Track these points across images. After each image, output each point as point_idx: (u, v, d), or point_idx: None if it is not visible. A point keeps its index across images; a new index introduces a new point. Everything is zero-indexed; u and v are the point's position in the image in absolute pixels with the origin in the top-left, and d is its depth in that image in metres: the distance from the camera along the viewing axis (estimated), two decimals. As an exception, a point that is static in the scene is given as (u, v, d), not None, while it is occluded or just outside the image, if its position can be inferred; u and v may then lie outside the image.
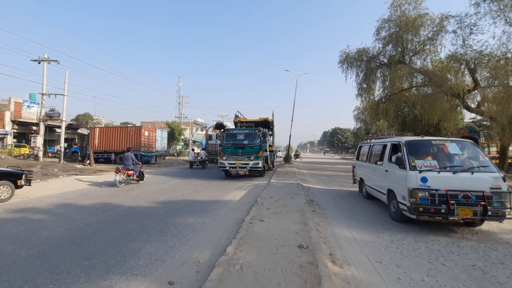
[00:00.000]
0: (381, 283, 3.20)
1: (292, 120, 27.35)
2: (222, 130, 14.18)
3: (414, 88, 19.82)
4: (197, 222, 5.59)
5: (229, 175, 14.07)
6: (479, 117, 21.51)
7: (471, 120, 24.35)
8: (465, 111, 20.66)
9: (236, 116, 18.10)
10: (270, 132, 17.79)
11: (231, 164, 13.19)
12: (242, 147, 13.39)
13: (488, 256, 3.98)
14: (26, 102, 31.47)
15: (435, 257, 3.91)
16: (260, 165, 13.15)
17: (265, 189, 9.60)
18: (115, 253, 3.95)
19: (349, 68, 20.19)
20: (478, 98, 17.37)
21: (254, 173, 14.38)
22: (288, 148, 29.34)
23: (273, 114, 22.82)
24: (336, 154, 69.00)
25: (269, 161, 16.21)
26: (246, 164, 13.08)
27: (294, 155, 28.23)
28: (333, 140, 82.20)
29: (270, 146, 17.53)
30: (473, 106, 17.85)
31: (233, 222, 5.65)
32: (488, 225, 5.51)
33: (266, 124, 16.64)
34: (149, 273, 3.36)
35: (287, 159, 27.25)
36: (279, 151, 34.34)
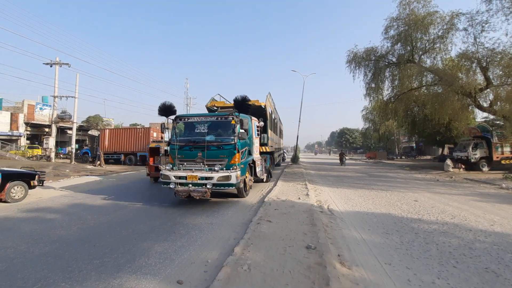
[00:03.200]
0: (391, 284, 3.16)
1: (299, 120, 27.25)
2: (173, 119, 7.97)
3: (424, 87, 19.51)
4: (205, 222, 5.63)
5: (181, 197, 7.43)
6: (491, 117, 21.04)
7: (483, 120, 23.81)
8: (477, 110, 20.26)
9: (213, 100, 12.20)
10: (262, 124, 10.56)
11: (179, 177, 7.12)
12: (203, 147, 7.27)
13: (502, 258, 3.88)
14: (39, 105, 32.29)
15: (446, 259, 3.84)
16: (233, 179, 6.92)
17: (272, 190, 9.59)
18: (125, 252, 4.01)
19: (357, 67, 20.01)
20: (491, 96, 17.00)
21: (224, 193, 8.80)
22: (296, 148, 29.24)
23: (268, 98, 12.65)
24: (344, 155, 68.38)
25: (261, 169, 9.98)
26: (206, 178, 6.97)
27: (340, 159, 25.04)
28: (341, 141, 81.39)
29: (263, 145, 11.51)
30: (485, 105, 17.47)
31: (241, 223, 5.67)
32: (501, 227, 5.39)
33: (257, 113, 10.90)
34: (158, 272, 3.41)
35: (294, 159, 27.16)
36: (285, 151, 34.00)
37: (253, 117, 9.24)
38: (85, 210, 6.74)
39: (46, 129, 31.37)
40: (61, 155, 29.58)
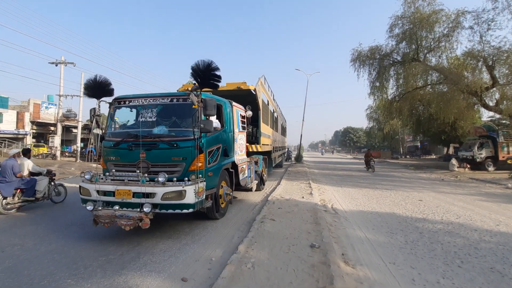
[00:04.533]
0: (395, 284, 3.15)
1: (303, 119, 27.19)
2: (110, 102, 5.52)
3: (429, 86, 19.33)
4: (209, 221, 5.65)
5: (103, 226, 4.29)
6: (497, 116, 20.78)
7: (489, 119, 23.56)
8: (482, 110, 20.04)
9: (191, 83, 8.48)
10: (250, 113, 7.81)
11: (104, 193, 4.51)
12: (149, 144, 4.81)
13: (507, 258, 3.85)
14: (45, 103, 32.59)
15: (451, 259, 3.82)
16: (189, 196, 4.32)
17: (275, 189, 9.59)
18: (130, 250, 4.05)
19: (361, 66, 19.88)
20: (497, 96, 16.81)
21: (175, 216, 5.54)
22: (299, 147, 29.18)
23: (261, 83, 9.83)
24: (348, 154, 68.12)
25: (248, 175, 7.46)
26: (144, 195, 4.25)
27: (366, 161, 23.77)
28: (345, 140, 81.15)
29: (253, 143, 8.95)
30: (491, 104, 17.28)
31: (245, 221, 5.68)
32: (506, 227, 5.34)
33: (244, 99, 7.98)
34: (163, 269, 3.43)
35: (298, 158, 27.12)
36: (291, 150, 33.85)
37: (235, 103, 6.64)
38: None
39: (52, 128, 31.68)
40: (67, 154, 29.87)
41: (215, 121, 5.52)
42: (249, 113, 7.79)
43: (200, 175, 4.68)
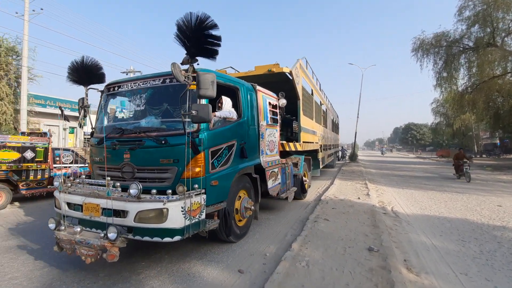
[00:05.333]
0: (468, 297, 2.84)
1: (357, 116, 25.87)
2: (103, 90, 4.49)
3: (510, 75, 16.62)
4: (262, 217, 5.79)
5: (61, 250, 3.25)
6: None
7: None
8: None
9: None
10: (284, 102, 6.09)
11: (73, 206, 3.49)
12: (133, 143, 3.63)
13: None
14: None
15: (542, 275, 3.27)
16: (173, 219, 3.03)
17: (328, 188, 9.34)
18: (192, 241, 4.37)
19: (424, 55, 18.08)
20: None
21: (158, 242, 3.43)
22: (354, 146, 27.82)
23: (300, 65, 7.76)
24: (410, 152, 62.28)
25: (282, 181, 5.82)
26: (116, 213, 3.10)
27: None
28: (406, 137, 74.27)
29: (291, 140, 7.59)
30: None
31: (297, 220, 5.68)
32: None
33: (276, 86, 6.50)
34: (221, 260, 3.66)
35: (352, 157, 25.88)
36: (345, 149, 32.30)
37: (260, 88, 5.16)
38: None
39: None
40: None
41: (228, 110, 4.34)
42: (283, 101, 6.05)
43: (196, 185, 3.29)
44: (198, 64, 3.45)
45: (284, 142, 6.68)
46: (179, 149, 3.38)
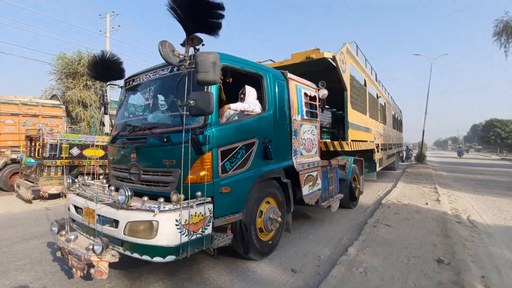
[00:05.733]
0: None
1: (425, 113, 23.30)
2: (123, 86, 4.11)
3: None
4: (316, 218, 5.67)
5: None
6: None
7: None
8: None
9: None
10: (325, 93, 5.15)
11: (77, 209, 3.32)
12: (139, 141, 3.30)
13: None
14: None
15: None
16: (169, 236, 2.53)
17: (390, 191, 8.64)
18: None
19: (510, 40, 15.27)
20: None
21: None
22: (421, 145, 25.13)
23: (346, 49, 6.50)
24: (493, 153, 53.39)
25: (322, 187, 4.94)
26: (107, 222, 2.81)
27: None
28: (488, 135, 63.91)
29: (336, 139, 6.70)
30: None
31: (354, 223, 5.40)
32: None
33: (316, 75, 5.95)
34: (274, 258, 3.70)
35: (420, 158, 23.42)
36: (410, 149, 29.29)
37: (292, 76, 4.41)
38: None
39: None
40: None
41: (251, 102, 3.69)
42: (324, 92, 5.12)
43: (199, 192, 2.79)
44: (203, 45, 2.79)
45: (327, 140, 6.03)
46: (180, 148, 2.76)
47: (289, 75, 4.32)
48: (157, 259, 2.53)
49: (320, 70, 6.27)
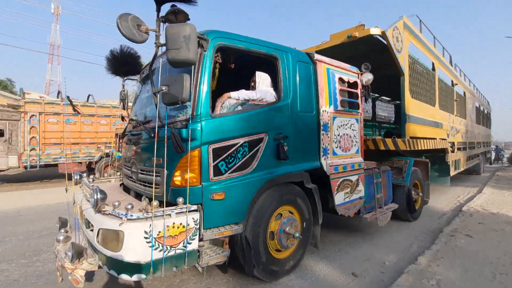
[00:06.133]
0: None
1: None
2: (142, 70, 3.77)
3: None
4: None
5: None
6: None
7: None
8: None
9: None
10: (370, 78, 4.15)
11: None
12: (136, 137, 3.15)
13: None
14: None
15: None
16: (135, 251, 2.12)
17: (474, 198, 7.50)
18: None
19: None
20: None
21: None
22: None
23: (405, 24, 5.32)
24: None
25: (365, 195, 4.02)
26: (90, 226, 2.48)
27: None
28: None
29: (390, 135, 6.72)
30: None
31: (427, 230, 4.89)
32: None
33: (362, 55, 5.20)
34: (334, 259, 3.61)
35: (512, 160, 19.62)
36: (500, 149, 24.76)
37: (321, 57, 3.64)
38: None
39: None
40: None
41: (262, 90, 3.13)
42: (368, 77, 4.15)
43: (181, 199, 2.36)
44: (189, 20, 2.21)
45: (377, 138, 5.17)
46: (164, 145, 2.40)
47: (318, 56, 3.57)
48: (123, 276, 2.13)
49: (369, 52, 5.29)
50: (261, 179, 2.82)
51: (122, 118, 4.19)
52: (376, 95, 9.32)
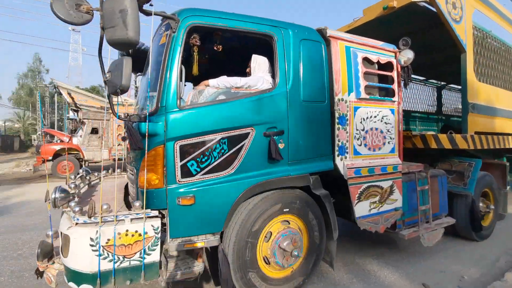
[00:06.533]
0: None
1: None
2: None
3: None
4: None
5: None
6: None
7: None
8: None
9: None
10: (410, 57, 3.14)
11: None
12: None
13: None
14: None
15: None
16: (80, 259, 1.96)
17: None
18: (366, 235, 4.28)
19: None
20: None
21: None
22: None
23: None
24: None
25: (399, 205, 3.20)
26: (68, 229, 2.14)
27: None
28: None
29: (445, 132, 4.53)
30: None
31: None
32: None
33: (398, 30, 4.04)
34: (401, 267, 3.39)
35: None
36: None
37: (336, 32, 2.94)
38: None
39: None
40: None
41: (256, 77, 2.66)
42: (408, 55, 3.19)
43: (138, 203, 2.17)
44: (151, 5, 2.02)
45: (427, 133, 4.16)
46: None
47: (332, 32, 2.88)
48: (71, 284, 1.97)
49: (423, 28, 4.31)
50: (245, 182, 2.38)
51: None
52: (442, 83, 7.93)
